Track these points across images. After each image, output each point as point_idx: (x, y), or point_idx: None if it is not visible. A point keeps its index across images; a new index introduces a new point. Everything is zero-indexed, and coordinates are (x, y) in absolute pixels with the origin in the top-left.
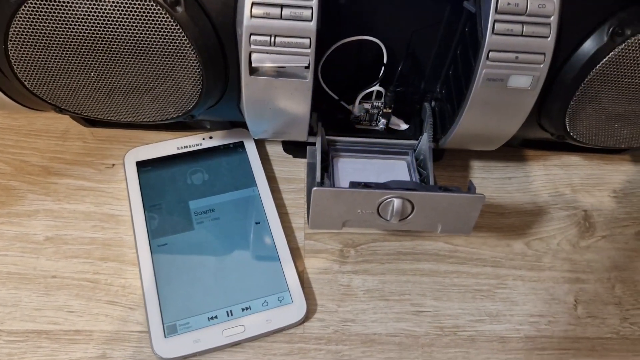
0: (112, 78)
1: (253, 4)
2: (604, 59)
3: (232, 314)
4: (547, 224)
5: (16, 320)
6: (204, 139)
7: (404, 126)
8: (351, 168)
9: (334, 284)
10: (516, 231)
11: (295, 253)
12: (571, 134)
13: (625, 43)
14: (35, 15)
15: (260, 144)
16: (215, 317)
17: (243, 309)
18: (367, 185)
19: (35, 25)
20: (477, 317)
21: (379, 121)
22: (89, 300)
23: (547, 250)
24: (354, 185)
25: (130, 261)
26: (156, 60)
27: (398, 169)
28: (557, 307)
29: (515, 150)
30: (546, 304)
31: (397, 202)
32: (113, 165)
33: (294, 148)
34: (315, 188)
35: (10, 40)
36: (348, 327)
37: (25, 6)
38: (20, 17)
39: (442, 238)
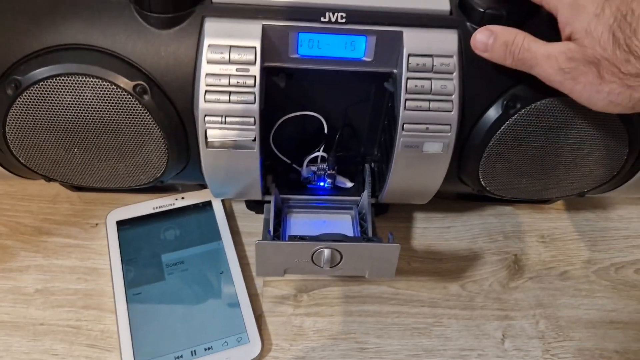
0: (92, 153)
1: (206, 91)
2: (502, 127)
3: (195, 354)
4: (481, 267)
5: None
6: (176, 199)
7: (349, 184)
8: (301, 223)
9: (288, 325)
10: (452, 275)
11: (254, 299)
12: (487, 188)
13: (518, 114)
14: (28, 105)
15: (226, 202)
16: (181, 356)
17: (205, 349)
18: (301, 238)
19: (28, 113)
20: (414, 352)
21: (325, 181)
22: (72, 344)
23: (480, 291)
24: (291, 238)
25: (109, 309)
26: (128, 137)
27: (343, 223)
28: (486, 341)
29: (453, 202)
30: (477, 339)
31: (327, 252)
32: (97, 224)
33: (256, 205)
34: (257, 242)
35: (7, 125)
36: None
37: (20, 98)
38: (16, 107)
39: (386, 282)
